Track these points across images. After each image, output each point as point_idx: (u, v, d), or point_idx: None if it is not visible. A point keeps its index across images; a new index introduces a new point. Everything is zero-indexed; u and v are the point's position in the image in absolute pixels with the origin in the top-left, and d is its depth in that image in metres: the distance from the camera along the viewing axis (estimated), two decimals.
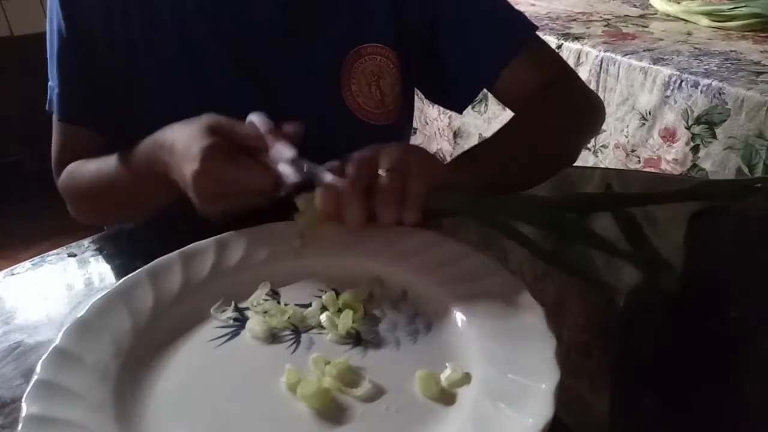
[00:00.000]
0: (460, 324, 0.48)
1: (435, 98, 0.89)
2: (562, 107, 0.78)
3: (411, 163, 0.55)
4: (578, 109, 0.81)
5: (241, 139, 0.58)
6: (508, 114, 0.83)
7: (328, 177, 0.54)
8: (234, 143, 0.57)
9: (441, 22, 0.79)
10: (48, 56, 0.76)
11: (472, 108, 1.75)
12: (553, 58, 0.85)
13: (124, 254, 0.63)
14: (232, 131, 0.58)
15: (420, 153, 0.59)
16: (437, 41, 0.80)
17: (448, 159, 0.81)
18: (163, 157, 0.61)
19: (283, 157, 0.56)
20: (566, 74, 0.84)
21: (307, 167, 0.55)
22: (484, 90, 0.84)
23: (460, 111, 0.90)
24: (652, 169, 1.40)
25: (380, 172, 0.54)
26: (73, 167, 0.75)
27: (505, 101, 0.84)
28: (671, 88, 1.32)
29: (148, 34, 0.71)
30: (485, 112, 1.77)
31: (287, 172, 0.55)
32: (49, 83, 0.76)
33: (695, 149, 1.29)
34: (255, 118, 0.59)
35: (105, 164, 0.71)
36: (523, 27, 0.81)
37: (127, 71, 0.72)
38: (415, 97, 0.88)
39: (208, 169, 0.54)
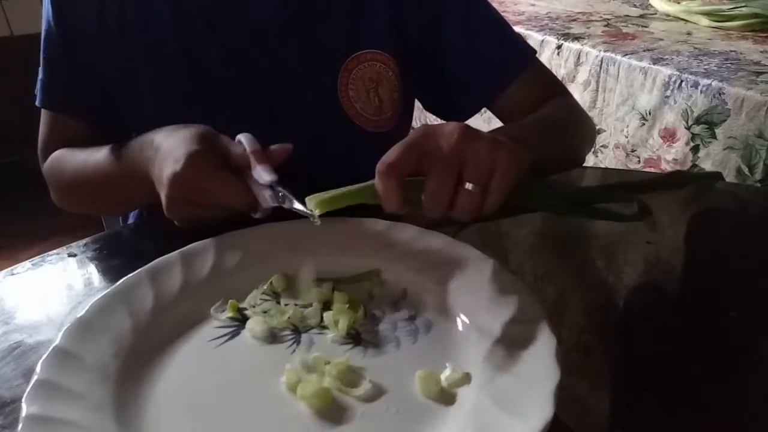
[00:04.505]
0: (460, 324, 0.48)
1: (433, 110, 0.89)
2: (568, 110, 0.81)
3: (497, 167, 0.50)
4: (583, 117, 0.83)
5: (230, 155, 0.57)
6: None
7: (299, 206, 0.53)
8: (221, 157, 0.57)
9: (445, 35, 0.79)
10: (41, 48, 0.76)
11: None
12: (552, 80, 0.86)
13: (124, 254, 0.63)
14: (224, 145, 0.58)
15: (509, 155, 0.51)
16: (440, 55, 0.80)
17: None
18: (148, 154, 0.61)
19: (262, 179, 0.55)
20: (564, 93, 0.85)
21: (283, 195, 0.54)
22: None
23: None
24: (652, 169, 1.39)
25: (465, 173, 0.49)
26: (59, 154, 0.76)
27: (503, 118, 0.85)
28: (671, 88, 1.32)
29: (144, 32, 0.71)
30: (485, 112, 1.76)
31: (264, 195, 0.55)
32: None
33: (695, 149, 1.29)
34: (243, 138, 0.59)
35: (92, 156, 0.71)
36: (525, 50, 0.83)
37: (121, 67, 0.72)
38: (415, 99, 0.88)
39: (189, 174, 0.54)
